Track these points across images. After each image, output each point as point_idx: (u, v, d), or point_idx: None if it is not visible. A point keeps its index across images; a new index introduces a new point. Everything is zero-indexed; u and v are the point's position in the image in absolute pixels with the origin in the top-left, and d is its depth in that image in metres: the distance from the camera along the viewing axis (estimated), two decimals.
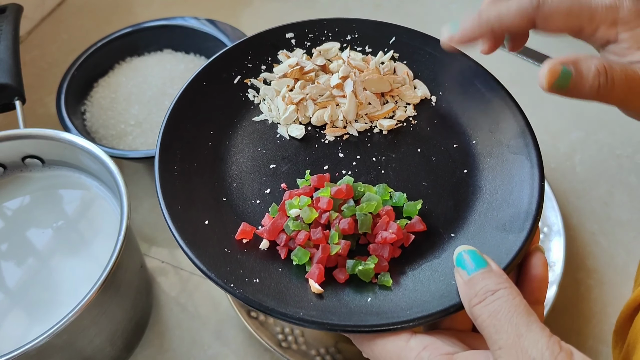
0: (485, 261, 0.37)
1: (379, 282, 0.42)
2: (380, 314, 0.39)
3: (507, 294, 0.35)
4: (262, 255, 0.43)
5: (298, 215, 0.43)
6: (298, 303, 0.40)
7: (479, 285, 0.36)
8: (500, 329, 0.34)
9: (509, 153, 0.47)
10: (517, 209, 0.44)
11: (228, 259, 0.43)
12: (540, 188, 0.44)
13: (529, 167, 0.46)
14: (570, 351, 0.33)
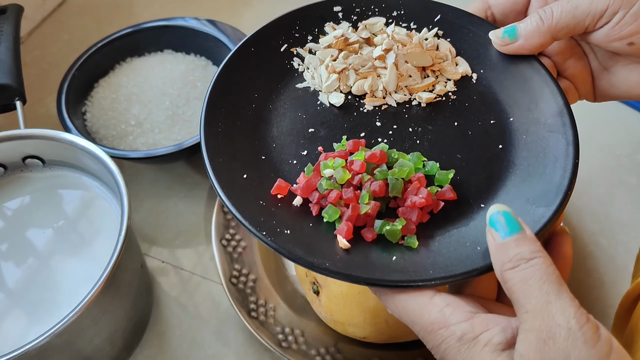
0: (520, 225, 0.37)
1: (405, 243, 0.43)
2: (404, 272, 0.40)
3: (541, 263, 0.35)
4: (294, 211, 0.45)
5: (332, 175, 0.45)
6: (325, 255, 0.42)
7: (513, 251, 0.36)
8: (530, 294, 0.34)
9: (545, 131, 0.48)
10: (549, 185, 0.44)
11: (262, 211, 0.44)
12: (574, 165, 0.45)
13: (564, 144, 0.46)
14: (597, 325, 0.34)
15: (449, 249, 0.42)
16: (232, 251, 0.68)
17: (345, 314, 0.57)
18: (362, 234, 0.43)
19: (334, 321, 0.59)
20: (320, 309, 0.60)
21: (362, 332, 0.58)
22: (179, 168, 0.79)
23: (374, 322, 0.56)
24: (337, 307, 0.57)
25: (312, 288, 0.60)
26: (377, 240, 0.43)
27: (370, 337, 0.58)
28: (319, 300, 0.59)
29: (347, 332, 0.59)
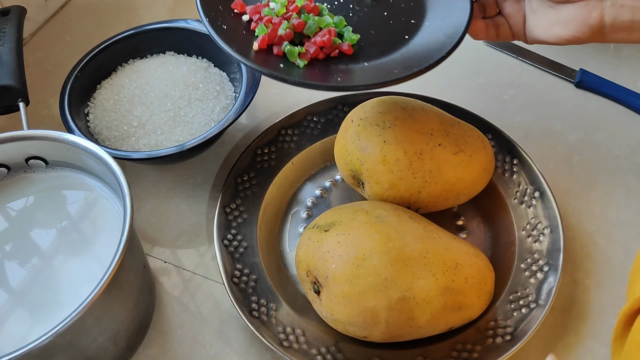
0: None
1: (297, 62, 0.59)
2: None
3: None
4: (242, 24, 0.63)
5: (274, 7, 0.62)
6: (243, 50, 0.59)
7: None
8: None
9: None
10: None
11: (218, 10, 0.63)
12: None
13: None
14: None
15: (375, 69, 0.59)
16: (233, 251, 0.68)
17: (345, 314, 0.57)
18: (273, 48, 0.60)
19: (335, 320, 0.59)
20: (321, 309, 0.60)
21: (362, 332, 0.58)
22: (180, 169, 0.80)
23: (374, 322, 0.57)
24: (338, 307, 0.57)
25: (313, 288, 0.60)
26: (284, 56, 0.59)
27: (370, 336, 0.58)
28: (319, 300, 0.60)
29: (348, 331, 0.59)
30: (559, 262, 0.64)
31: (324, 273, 0.58)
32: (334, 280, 0.57)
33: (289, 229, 0.73)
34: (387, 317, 0.56)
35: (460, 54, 0.92)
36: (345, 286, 0.56)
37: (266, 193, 0.73)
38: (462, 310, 0.59)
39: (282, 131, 0.78)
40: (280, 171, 0.75)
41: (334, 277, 0.57)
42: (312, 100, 0.83)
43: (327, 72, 0.59)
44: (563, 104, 0.85)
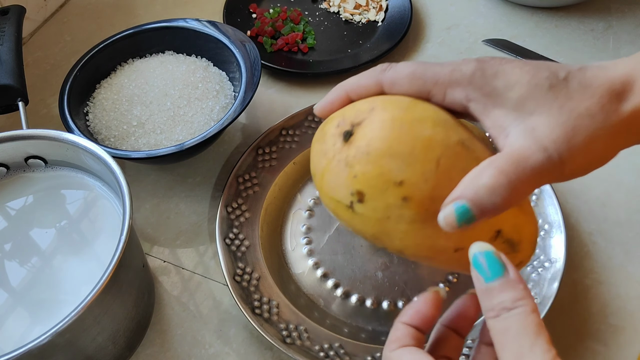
0: (503, 267, 0.36)
1: None
2: None
3: (521, 312, 0.34)
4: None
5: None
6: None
7: (496, 299, 0.35)
8: (506, 347, 0.34)
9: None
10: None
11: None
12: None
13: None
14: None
15: None
16: (235, 250, 0.68)
17: (390, 139, 0.42)
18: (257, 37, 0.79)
19: (368, 154, 0.42)
20: (347, 151, 0.43)
21: (400, 173, 0.41)
22: (180, 168, 0.80)
23: (423, 156, 0.41)
24: (381, 132, 0.42)
25: (343, 135, 0.44)
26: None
27: (409, 183, 0.41)
28: (348, 144, 0.44)
29: (380, 171, 0.42)
30: (560, 262, 0.64)
31: (369, 106, 0.44)
32: (384, 107, 0.44)
33: (291, 228, 0.73)
34: (442, 154, 0.42)
35: (459, 53, 0.93)
36: (397, 111, 0.43)
37: (268, 193, 0.74)
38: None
39: (284, 131, 0.78)
40: (281, 171, 0.76)
41: (383, 105, 0.44)
42: (312, 100, 0.83)
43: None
44: None
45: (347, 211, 0.44)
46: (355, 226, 0.45)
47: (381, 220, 0.42)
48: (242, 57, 0.78)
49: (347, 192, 0.43)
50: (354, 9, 0.99)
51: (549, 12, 0.97)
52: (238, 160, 0.75)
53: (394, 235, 0.43)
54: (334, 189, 0.44)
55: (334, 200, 0.44)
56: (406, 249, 0.44)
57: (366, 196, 0.42)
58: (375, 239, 0.44)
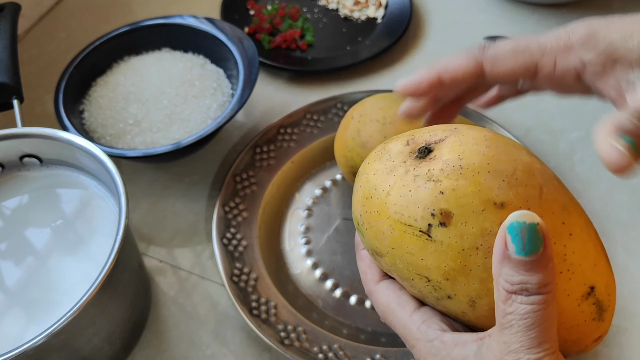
0: (541, 245, 0.32)
1: None
2: None
3: (538, 309, 0.32)
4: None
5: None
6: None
7: (519, 277, 0.32)
8: (510, 330, 0.33)
9: None
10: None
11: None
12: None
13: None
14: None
15: None
16: (233, 250, 0.67)
17: (487, 155, 0.36)
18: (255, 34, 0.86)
19: (458, 168, 0.36)
20: (429, 164, 0.37)
21: (501, 193, 0.35)
22: (176, 167, 0.79)
23: (525, 177, 0.36)
24: (474, 148, 0.37)
25: (419, 152, 0.38)
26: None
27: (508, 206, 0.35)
28: (424, 161, 0.37)
29: (476, 188, 0.35)
30: None
31: (447, 127, 0.39)
32: (469, 127, 0.39)
33: (289, 228, 0.73)
34: (543, 183, 0.37)
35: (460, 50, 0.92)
36: (486, 132, 0.39)
37: (266, 192, 0.73)
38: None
39: (282, 130, 0.78)
40: (279, 170, 0.75)
41: (466, 126, 0.39)
42: (311, 98, 0.82)
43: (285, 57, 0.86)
44: (564, 102, 0.84)
45: (418, 239, 0.36)
46: (422, 259, 0.36)
47: (467, 251, 0.35)
48: (240, 54, 0.77)
49: (426, 213, 0.35)
50: (353, 5, 0.98)
51: (550, 9, 0.96)
52: (235, 159, 0.75)
53: (475, 276, 0.35)
54: (405, 208, 0.36)
55: (399, 224, 0.36)
56: (482, 298, 0.36)
57: (454, 217, 0.35)
58: (444, 278, 0.36)
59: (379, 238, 0.38)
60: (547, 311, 0.32)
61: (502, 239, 0.32)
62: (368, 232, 0.39)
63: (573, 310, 0.37)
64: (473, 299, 0.36)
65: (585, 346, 0.39)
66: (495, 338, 0.34)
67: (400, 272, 0.38)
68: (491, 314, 0.36)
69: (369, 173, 0.39)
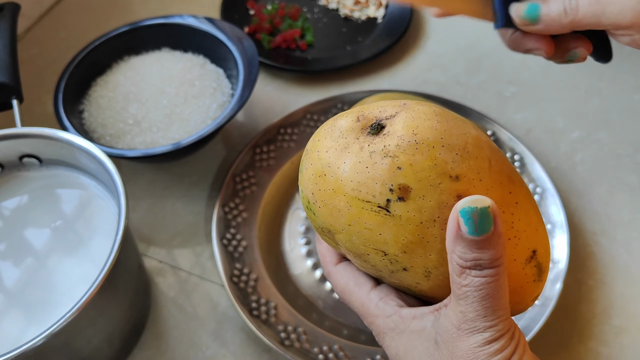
0: (490, 226, 0.33)
1: None
2: None
3: (491, 281, 0.34)
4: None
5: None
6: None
7: (474, 254, 0.33)
8: (465, 302, 0.34)
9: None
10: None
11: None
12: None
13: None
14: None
15: None
16: (232, 250, 0.67)
17: (439, 136, 0.37)
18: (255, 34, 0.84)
19: (419, 152, 0.36)
20: (383, 141, 0.37)
21: (454, 156, 0.36)
22: (176, 167, 0.79)
23: (477, 156, 0.37)
24: (429, 132, 0.37)
25: (370, 128, 0.38)
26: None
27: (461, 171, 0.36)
28: (384, 141, 0.37)
29: (431, 159, 0.36)
30: (563, 262, 0.64)
31: (397, 103, 0.40)
32: (418, 103, 0.39)
33: (289, 228, 0.73)
34: (491, 156, 0.38)
35: (461, 51, 0.92)
36: (435, 107, 0.39)
37: (265, 192, 0.73)
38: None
39: (282, 130, 0.77)
40: (279, 170, 0.75)
41: (416, 102, 0.40)
42: (311, 99, 0.82)
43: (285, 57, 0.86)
44: (565, 102, 0.84)
45: (377, 214, 0.36)
46: (380, 234, 0.37)
47: (425, 224, 0.36)
48: (240, 54, 0.77)
49: (385, 188, 0.36)
50: (353, 5, 0.98)
51: None
52: (235, 159, 0.74)
53: (432, 247, 0.36)
54: (362, 185, 0.36)
55: (357, 200, 0.37)
56: (437, 268, 0.37)
57: (412, 192, 0.35)
58: (402, 252, 0.37)
59: (335, 215, 0.38)
60: (499, 282, 0.34)
61: (455, 220, 0.34)
62: (321, 211, 0.38)
63: (518, 273, 0.38)
64: (429, 270, 0.37)
65: (525, 305, 0.41)
66: (452, 307, 0.35)
67: (356, 247, 0.38)
68: (445, 283, 0.37)
69: (320, 150, 0.39)
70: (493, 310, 0.34)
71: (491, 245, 0.33)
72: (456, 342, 0.35)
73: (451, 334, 0.35)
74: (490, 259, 0.34)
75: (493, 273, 0.34)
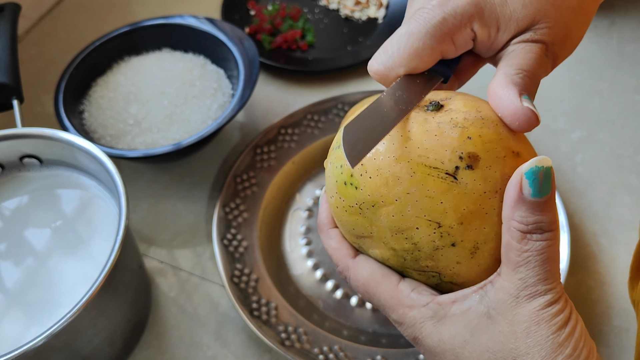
0: (551, 187, 0.34)
1: None
2: None
3: (551, 244, 0.34)
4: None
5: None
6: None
7: (535, 217, 0.34)
8: (525, 267, 0.35)
9: None
10: None
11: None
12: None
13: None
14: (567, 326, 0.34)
15: None
16: (233, 251, 0.67)
17: (498, 116, 0.38)
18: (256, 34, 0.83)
19: (485, 126, 0.37)
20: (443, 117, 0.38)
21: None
22: (177, 168, 0.79)
23: (527, 142, 0.40)
24: (489, 112, 0.39)
25: (429, 104, 0.39)
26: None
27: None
28: (450, 114, 0.38)
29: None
30: (563, 262, 0.64)
31: (446, 93, 0.41)
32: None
33: (290, 228, 0.73)
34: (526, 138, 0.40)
35: None
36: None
37: (266, 193, 0.73)
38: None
39: (282, 130, 0.77)
40: (280, 171, 0.75)
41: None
42: (312, 99, 0.82)
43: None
44: (565, 102, 0.84)
45: (443, 181, 0.36)
46: (441, 203, 0.36)
47: (488, 194, 0.36)
48: (240, 54, 0.77)
49: (454, 155, 0.36)
50: (354, 5, 0.98)
51: None
52: (236, 160, 0.74)
53: (489, 219, 0.37)
54: (430, 151, 0.36)
55: (423, 167, 0.36)
56: (487, 243, 0.37)
57: (481, 161, 0.36)
58: (458, 222, 0.36)
59: (390, 184, 0.37)
60: (557, 244, 0.35)
61: (518, 183, 0.34)
62: (372, 181, 0.37)
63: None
64: (477, 245, 0.37)
65: None
66: (506, 278, 0.35)
67: (405, 221, 0.37)
68: (486, 263, 0.38)
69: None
70: (552, 273, 0.35)
71: (550, 207, 0.35)
72: (516, 310, 0.35)
73: (509, 304, 0.35)
74: (550, 222, 0.34)
75: (552, 236, 0.35)
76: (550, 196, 0.34)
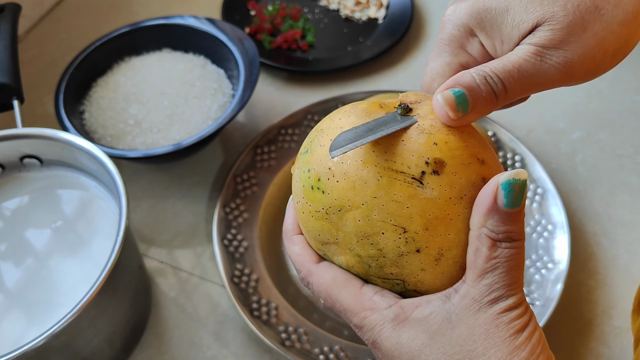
0: (524, 198, 0.36)
1: None
2: None
3: (517, 253, 0.35)
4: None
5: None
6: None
7: (506, 226, 0.35)
8: (492, 273, 0.35)
9: None
10: None
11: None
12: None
13: None
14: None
15: None
16: (233, 251, 0.67)
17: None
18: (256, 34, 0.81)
19: (451, 134, 0.38)
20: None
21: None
22: (177, 168, 0.79)
23: (491, 150, 0.40)
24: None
25: (399, 107, 0.39)
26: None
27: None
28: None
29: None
30: (564, 263, 0.64)
31: (417, 94, 0.41)
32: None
33: None
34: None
35: None
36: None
37: (266, 193, 0.73)
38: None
39: (282, 130, 0.77)
40: (280, 171, 0.75)
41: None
42: (312, 99, 0.82)
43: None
44: (565, 102, 0.84)
45: (409, 186, 0.36)
46: (407, 207, 0.36)
47: (453, 200, 0.36)
48: (240, 54, 0.77)
49: (421, 161, 0.36)
50: (354, 5, 0.98)
51: None
52: (236, 160, 0.74)
53: (454, 226, 0.37)
54: (397, 156, 0.36)
55: (389, 171, 0.36)
56: (451, 250, 0.37)
57: (446, 167, 0.36)
58: (424, 228, 0.36)
59: (357, 188, 0.37)
60: (523, 254, 0.36)
61: (493, 193, 0.35)
62: (339, 185, 0.38)
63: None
64: (442, 252, 0.37)
65: None
66: (471, 284, 0.36)
67: (371, 225, 0.38)
68: (449, 271, 0.38)
69: (344, 126, 0.39)
70: (516, 280, 0.36)
71: (520, 218, 0.36)
72: (477, 314, 0.36)
73: (471, 309, 0.36)
74: (518, 232, 0.35)
75: (520, 245, 0.36)
76: (521, 208, 0.35)
